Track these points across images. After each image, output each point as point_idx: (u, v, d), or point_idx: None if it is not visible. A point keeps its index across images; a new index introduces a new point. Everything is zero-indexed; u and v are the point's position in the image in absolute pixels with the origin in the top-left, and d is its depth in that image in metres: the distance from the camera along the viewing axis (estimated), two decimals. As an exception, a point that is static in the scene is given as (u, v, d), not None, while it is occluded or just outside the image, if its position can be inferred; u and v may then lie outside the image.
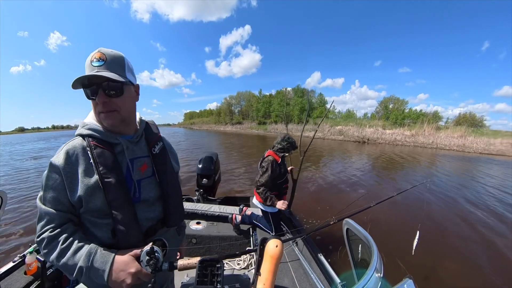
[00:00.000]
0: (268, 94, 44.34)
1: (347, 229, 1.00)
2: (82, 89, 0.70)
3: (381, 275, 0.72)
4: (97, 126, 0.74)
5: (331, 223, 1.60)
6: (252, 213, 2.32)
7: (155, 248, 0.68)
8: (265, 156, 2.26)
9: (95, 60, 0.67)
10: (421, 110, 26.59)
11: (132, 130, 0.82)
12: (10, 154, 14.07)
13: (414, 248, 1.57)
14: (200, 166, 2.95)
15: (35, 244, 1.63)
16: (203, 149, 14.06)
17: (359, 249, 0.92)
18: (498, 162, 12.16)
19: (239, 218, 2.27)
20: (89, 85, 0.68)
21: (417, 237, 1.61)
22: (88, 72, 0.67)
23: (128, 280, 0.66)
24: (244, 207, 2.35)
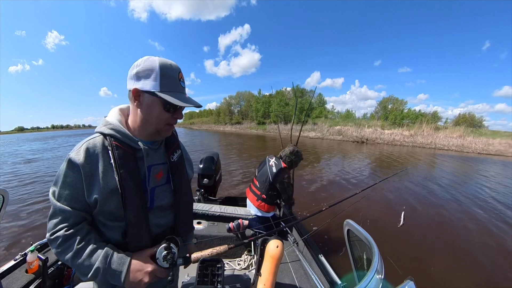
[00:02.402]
0: (267, 94, 44.36)
1: (348, 230, 1.00)
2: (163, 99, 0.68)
3: (382, 276, 0.72)
4: (121, 127, 0.73)
5: (323, 209, 1.63)
6: (250, 221, 2.27)
7: (171, 244, 0.72)
8: (282, 167, 2.25)
9: (182, 80, 0.72)
10: (419, 110, 26.59)
11: None
12: (6, 156, 14.01)
13: (401, 223, 1.64)
14: (201, 166, 2.95)
15: (36, 243, 1.62)
16: (204, 150, 14.06)
17: (360, 250, 0.91)
18: (492, 161, 12.23)
19: (245, 222, 2.20)
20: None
21: (402, 216, 1.69)
22: (177, 89, 0.71)
23: (146, 279, 0.68)
24: (240, 220, 2.26)
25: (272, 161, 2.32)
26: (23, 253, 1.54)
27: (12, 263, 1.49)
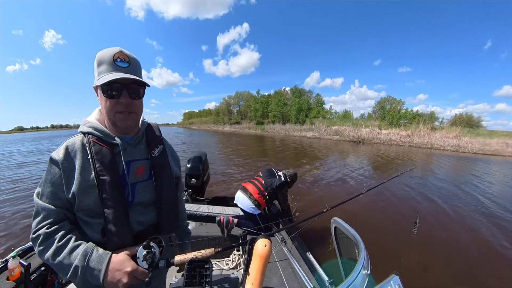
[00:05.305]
0: (266, 94, 44.45)
1: (335, 227, 0.98)
2: (100, 85, 0.68)
3: (368, 272, 0.71)
4: (98, 124, 0.75)
5: (324, 210, 1.55)
6: (238, 220, 2.29)
7: (152, 243, 0.68)
8: (288, 181, 2.66)
9: (119, 60, 0.68)
10: (417, 111, 26.60)
11: (134, 131, 0.82)
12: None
13: (416, 231, 1.59)
14: (188, 166, 2.92)
15: (18, 249, 1.55)
16: (205, 149, 14.04)
17: (347, 246, 0.90)
18: (487, 160, 12.30)
19: (235, 220, 2.21)
20: (111, 83, 0.67)
21: (417, 220, 1.64)
22: (111, 69, 0.68)
23: (124, 280, 0.64)
24: (230, 217, 2.24)
25: (281, 173, 2.67)
26: (4, 259, 1.47)
27: None
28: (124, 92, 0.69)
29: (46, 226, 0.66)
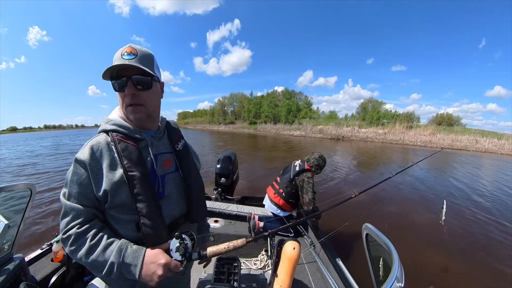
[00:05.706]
0: (260, 95, 44.47)
1: (367, 234, 0.93)
2: (110, 81, 0.68)
3: (403, 284, 0.66)
4: (122, 121, 0.72)
5: (352, 196, 1.56)
6: (265, 223, 2.18)
7: (183, 235, 0.67)
8: (305, 168, 2.22)
9: (126, 53, 0.65)
10: (395, 111, 27.23)
11: (156, 126, 0.80)
12: None
13: (443, 217, 1.52)
14: (218, 166, 2.85)
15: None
16: (206, 149, 13.82)
17: (379, 255, 0.84)
18: (449, 154, 12.95)
19: (261, 224, 2.12)
20: (118, 77, 0.66)
21: (444, 206, 1.55)
22: (119, 63, 0.65)
23: (159, 272, 0.62)
24: (257, 220, 2.14)
25: (297, 162, 2.34)
26: (49, 242, 1.54)
27: (38, 252, 1.49)
28: (129, 83, 0.66)
29: (77, 226, 0.63)
